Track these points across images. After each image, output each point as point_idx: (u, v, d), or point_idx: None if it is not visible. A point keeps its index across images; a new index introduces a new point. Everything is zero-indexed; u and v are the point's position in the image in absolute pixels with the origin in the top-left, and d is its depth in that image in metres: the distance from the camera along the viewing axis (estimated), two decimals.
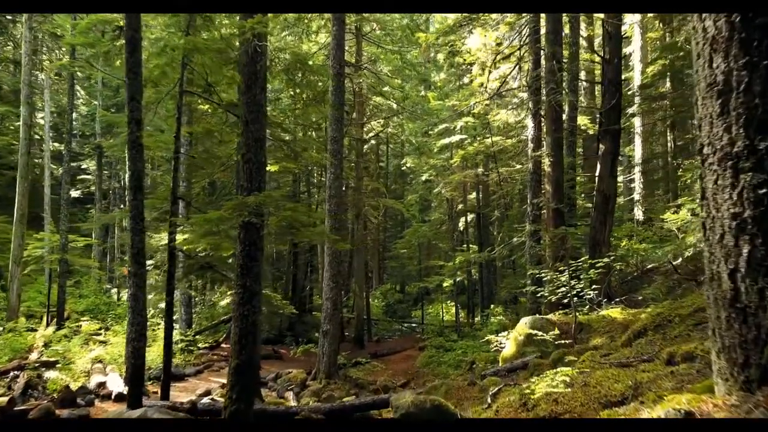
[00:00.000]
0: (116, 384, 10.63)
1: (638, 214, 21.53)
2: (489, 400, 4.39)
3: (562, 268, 7.98)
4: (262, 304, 9.77)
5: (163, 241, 10.49)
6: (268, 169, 10.45)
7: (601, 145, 11.82)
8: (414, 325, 26.50)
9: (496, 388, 4.58)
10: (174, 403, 7.75)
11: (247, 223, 6.32)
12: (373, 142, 28.42)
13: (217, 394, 10.63)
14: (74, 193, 32.38)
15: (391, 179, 42.30)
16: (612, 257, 9.58)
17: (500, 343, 8.94)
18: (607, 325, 7.38)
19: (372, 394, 13.11)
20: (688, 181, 19.42)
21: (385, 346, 19.92)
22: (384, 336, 23.77)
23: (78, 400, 9.87)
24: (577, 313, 8.13)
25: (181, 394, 11.33)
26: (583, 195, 19.28)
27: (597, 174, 11.77)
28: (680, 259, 14.93)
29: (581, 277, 8.00)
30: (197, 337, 15.54)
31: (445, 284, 24.15)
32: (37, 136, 26.96)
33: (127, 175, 11.78)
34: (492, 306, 25.45)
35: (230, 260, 8.93)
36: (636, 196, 21.38)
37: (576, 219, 15.50)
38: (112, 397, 10.23)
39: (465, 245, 25.84)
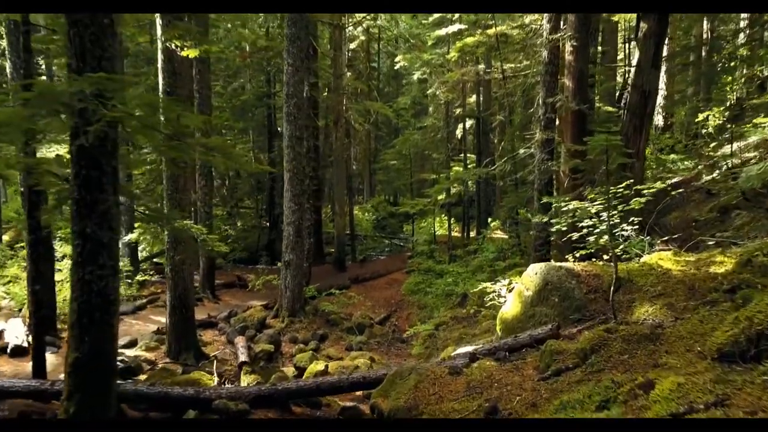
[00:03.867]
0: (16, 334, 8.51)
1: (657, 119, 18.69)
2: None
3: (592, 195, 5.47)
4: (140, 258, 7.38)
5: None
6: (185, 54, 7.59)
7: (642, 24, 8.81)
8: (404, 241, 24.55)
9: None
10: (41, 384, 5.57)
11: (78, 131, 3.69)
12: (362, 37, 24.80)
13: (141, 347, 8.57)
14: None
15: (384, 81, 38.70)
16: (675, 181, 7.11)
17: (498, 295, 6.63)
18: (658, 282, 5.00)
19: (344, 333, 11.16)
20: (729, 79, 16.41)
21: (368, 268, 17.92)
22: (371, 255, 21.80)
23: None
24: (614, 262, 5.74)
25: None
26: (599, 96, 16.33)
27: (635, 63, 8.90)
28: (716, 173, 12.39)
29: (618, 207, 5.50)
30: (145, 264, 13.33)
31: (439, 197, 21.82)
32: None
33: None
34: (489, 220, 23.35)
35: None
36: (658, 98, 18.35)
37: (594, 125, 12.75)
38: (8, 351, 8.15)
39: (462, 155, 23.18)
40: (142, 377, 7.19)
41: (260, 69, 22.21)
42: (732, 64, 13.45)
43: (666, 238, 6.39)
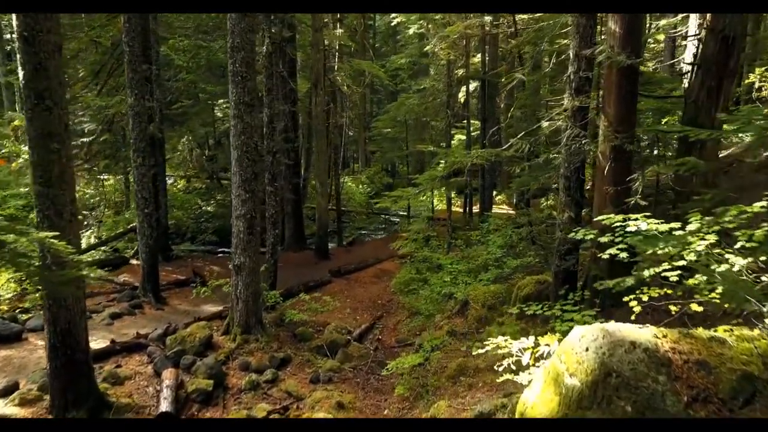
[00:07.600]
0: None
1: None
2: None
3: (697, 218, 3.04)
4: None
5: None
6: None
7: None
8: (400, 216, 22.17)
9: None
10: None
11: None
12: None
13: (14, 399, 6.24)
14: None
15: (381, 40, 35.63)
16: None
17: (515, 361, 4.21)
18: None
19: (313, 354, 8.84)
20: None
21: (355, 255, 15.58)
22: (362, 236, 19.44)
23: None
24: (717, 330, 3.31)
25: None
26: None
27: None
28: None
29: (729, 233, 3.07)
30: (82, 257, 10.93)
31: (439, 167, 19.18)
32: None
33: None
34: (495, 194, 20.94)
35: None
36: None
37: (639, 87, 10.02)
38: None
39: (465, 121, 20.53)
40: None
41: None
42: None
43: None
